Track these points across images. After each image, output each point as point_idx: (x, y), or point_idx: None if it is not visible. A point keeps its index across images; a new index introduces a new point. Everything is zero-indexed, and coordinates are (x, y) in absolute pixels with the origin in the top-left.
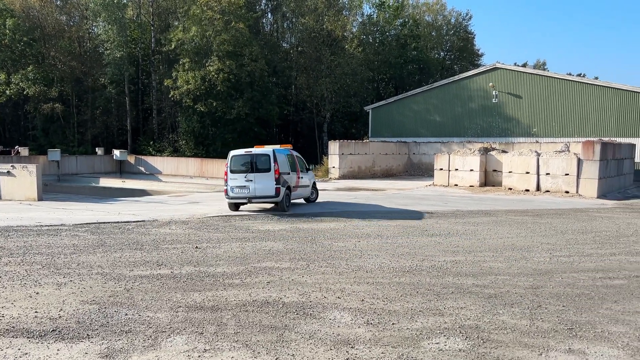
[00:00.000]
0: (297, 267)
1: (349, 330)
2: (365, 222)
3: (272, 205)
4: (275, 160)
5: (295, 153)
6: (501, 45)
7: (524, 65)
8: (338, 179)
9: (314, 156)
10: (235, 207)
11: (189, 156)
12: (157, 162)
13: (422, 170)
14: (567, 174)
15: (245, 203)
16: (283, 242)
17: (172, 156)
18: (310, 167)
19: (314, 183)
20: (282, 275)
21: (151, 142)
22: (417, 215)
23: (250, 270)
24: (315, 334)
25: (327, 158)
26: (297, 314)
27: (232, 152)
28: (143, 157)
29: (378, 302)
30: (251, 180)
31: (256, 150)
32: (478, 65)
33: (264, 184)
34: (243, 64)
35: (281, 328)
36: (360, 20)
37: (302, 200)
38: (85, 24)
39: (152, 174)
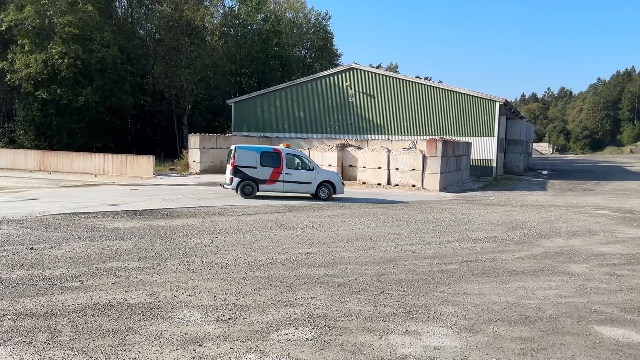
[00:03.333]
0: (146, 266)
1: (198, 328)
2: (224, 218)
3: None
4: (233, 156)
5: (288, 151)
6: (358, 47)
7: (378, 67)
8: (199, 173)
9: (173, 149)
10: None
11: (28, 148)
12: None
13: None
14: (414, 169)
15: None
16: (133, 240)
17: (7, 148)
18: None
19: (328, 181)
20: (129, 275)
21: None
22: (275, 209)
23: (94, 271)
24: (162, 334)
25: (188, 152)
26: (143, 315)
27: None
28: None
29: (231, 298)
30: (227, 170)
31: (232, 146)
32: (337, 65)
33: (227, 173)
34: (92, 49)
35: (124, 331)
36: (221, 11)
37: (308, 195)
38: None
39: None
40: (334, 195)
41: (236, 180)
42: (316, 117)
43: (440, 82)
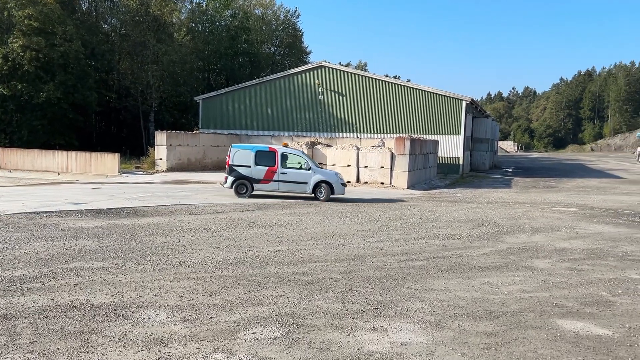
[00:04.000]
0: (111, 266)
1: (164, 329)
2: (192, 216)
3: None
4: (229, 154)
5: (283, 150)
6: (327, 45)
7: (347, 65)
8: (166, 171)
9: (139, 147)
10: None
11: None
12: None
13: None
14: (383, 167)
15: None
16: (97, 240)
17: None
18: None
19: (325, 181)
20: (93, 275)
21: None
22: (244, 207)
23: (56, 272)
24: (126, 335)
25: (154, 149)
26: (107, 316)
27: None
28: None
29: (198, 297)
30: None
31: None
32: (306, 62)
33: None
34: (55, 44)
35: (87, 332)
36: (189, 7)
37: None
38: None
39: None
40: (332, 196)
41: (230, 179)
42: (286, 114)
43: (409, 80)
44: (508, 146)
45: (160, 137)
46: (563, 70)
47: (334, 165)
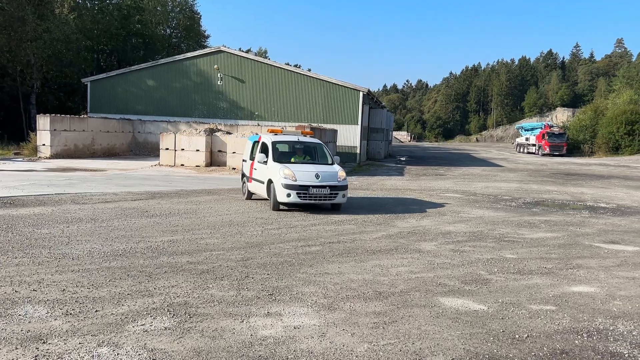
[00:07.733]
0: None
1: (43, 325)
2: (78, 206)
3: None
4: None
5: (266, 138)
6: (227, 30)
7: (248, 52)
8: (50, 158)
9: (19, 132)
10: None
11: None
12: None
13: (148, 150)
14: None
15: None
16: None
17: None
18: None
19: (270, 181)
20: None
21: None
22: (137, 196)
23: None
24: None
25: (36, 134)
26: None
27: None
28: None
29: (82, 290)
30: None
31: None
32: (205, 47)
33: None
34: None
35: None
36: None
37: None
38: None
39: None
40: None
41: (240, 177)
42: (183, 99)
43: (309, 70)
44: (402, 136)
45: (43, 121)
46: (453, 65)
47: (234, 152)
